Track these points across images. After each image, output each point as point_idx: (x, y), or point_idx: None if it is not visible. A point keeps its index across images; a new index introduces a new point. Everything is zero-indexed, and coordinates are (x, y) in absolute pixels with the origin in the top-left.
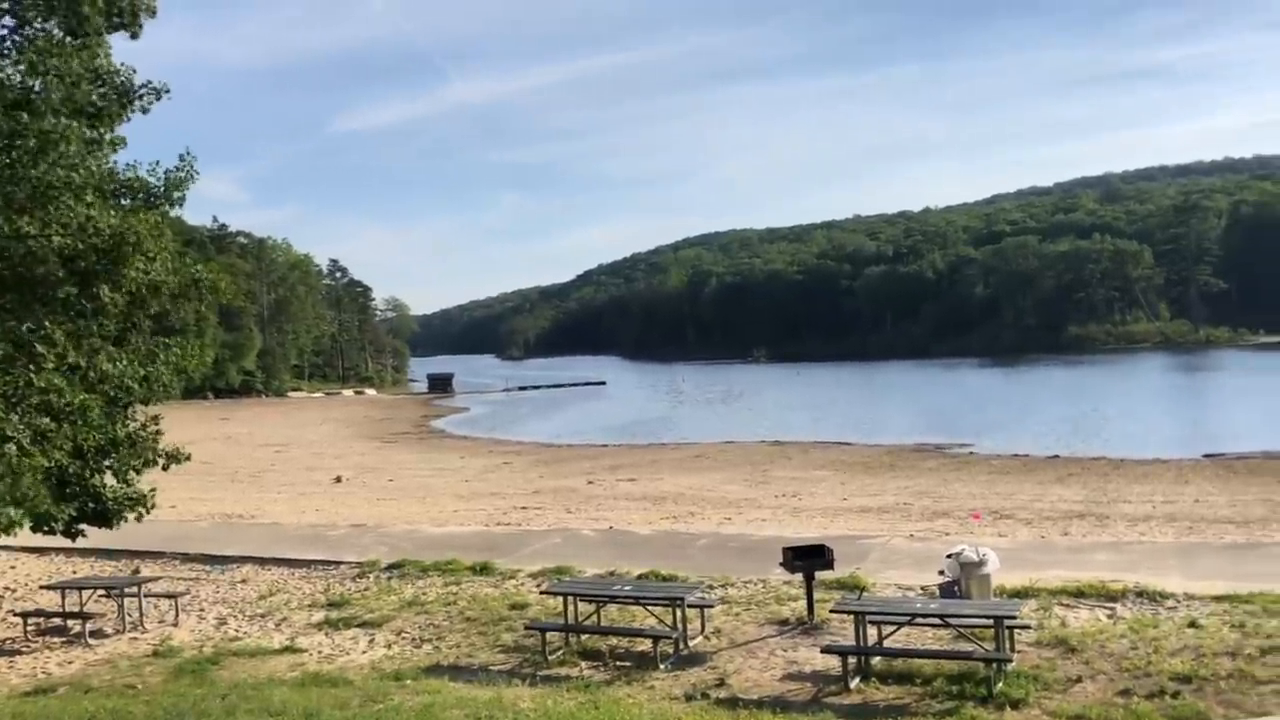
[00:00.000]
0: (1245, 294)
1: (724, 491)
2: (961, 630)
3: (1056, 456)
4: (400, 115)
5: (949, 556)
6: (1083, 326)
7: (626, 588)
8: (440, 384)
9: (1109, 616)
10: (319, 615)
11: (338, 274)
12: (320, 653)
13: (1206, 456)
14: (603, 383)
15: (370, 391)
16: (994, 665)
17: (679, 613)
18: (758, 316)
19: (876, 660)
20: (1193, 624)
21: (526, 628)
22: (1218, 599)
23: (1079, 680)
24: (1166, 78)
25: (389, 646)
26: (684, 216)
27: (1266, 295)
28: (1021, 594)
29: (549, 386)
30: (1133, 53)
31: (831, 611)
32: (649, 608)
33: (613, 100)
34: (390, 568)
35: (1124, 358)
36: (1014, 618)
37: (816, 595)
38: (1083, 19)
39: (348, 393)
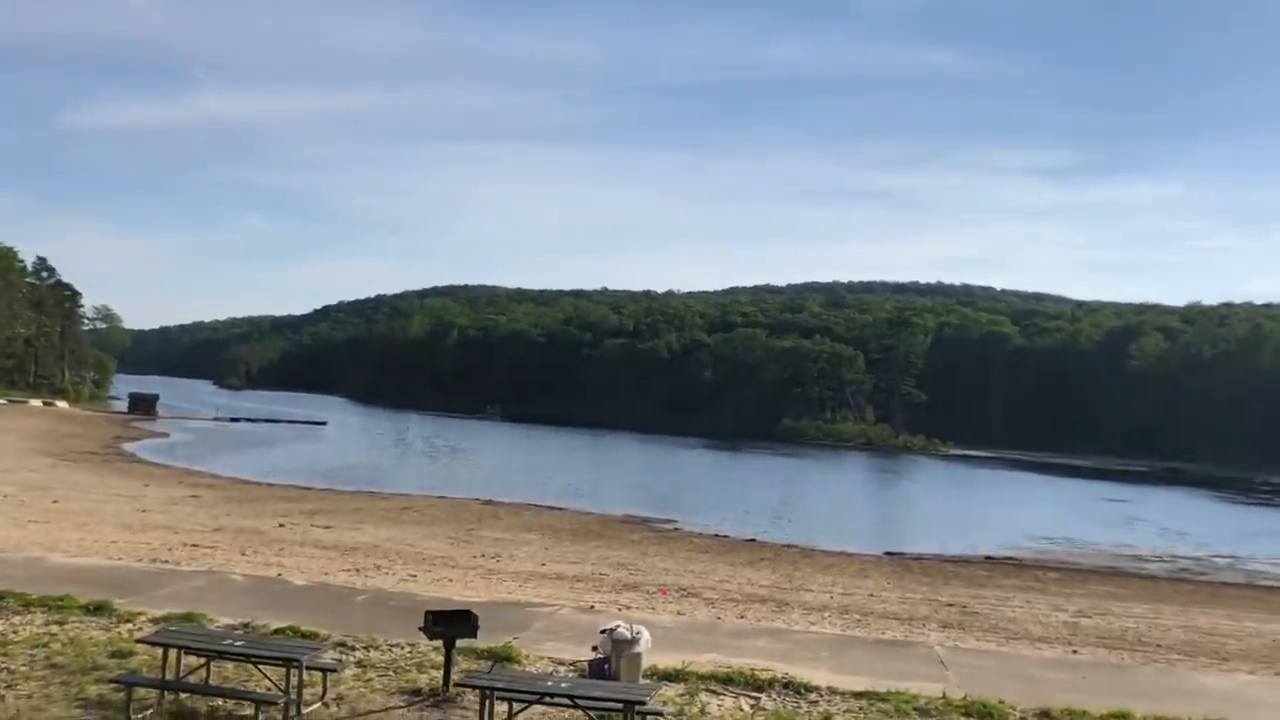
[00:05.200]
0: (941, 408)
1: (423, 547)
2: (593, 712)
3: (754, 540)
4: (142, 117)
5: (603, 632)
6: (797, 420)
7: (238, 643)
8: (143, 404)
9: (752, 706)
10: None
11: (44, 274)
12: None
13: (887, 554)
14: (324, 423)
15: (62, 404)
16: None
17: (295, 675)
18: (496, 374)
19: None
20: (826, 719)
21: (110, 681)
22: (858, 695)
23: None
24: (894, 201)
25: None
26: (435, 265)
27: (958, 411)
28: (672, 676)
29: (265, 421)
30: (865, 174)
31: (456, 685)
32: (261, 667)
33: (374, 138)
34: None
35: (830, 454)
36: (644, 703)
37: (466, 665)
38: (824, 137)
39: (36, 403)
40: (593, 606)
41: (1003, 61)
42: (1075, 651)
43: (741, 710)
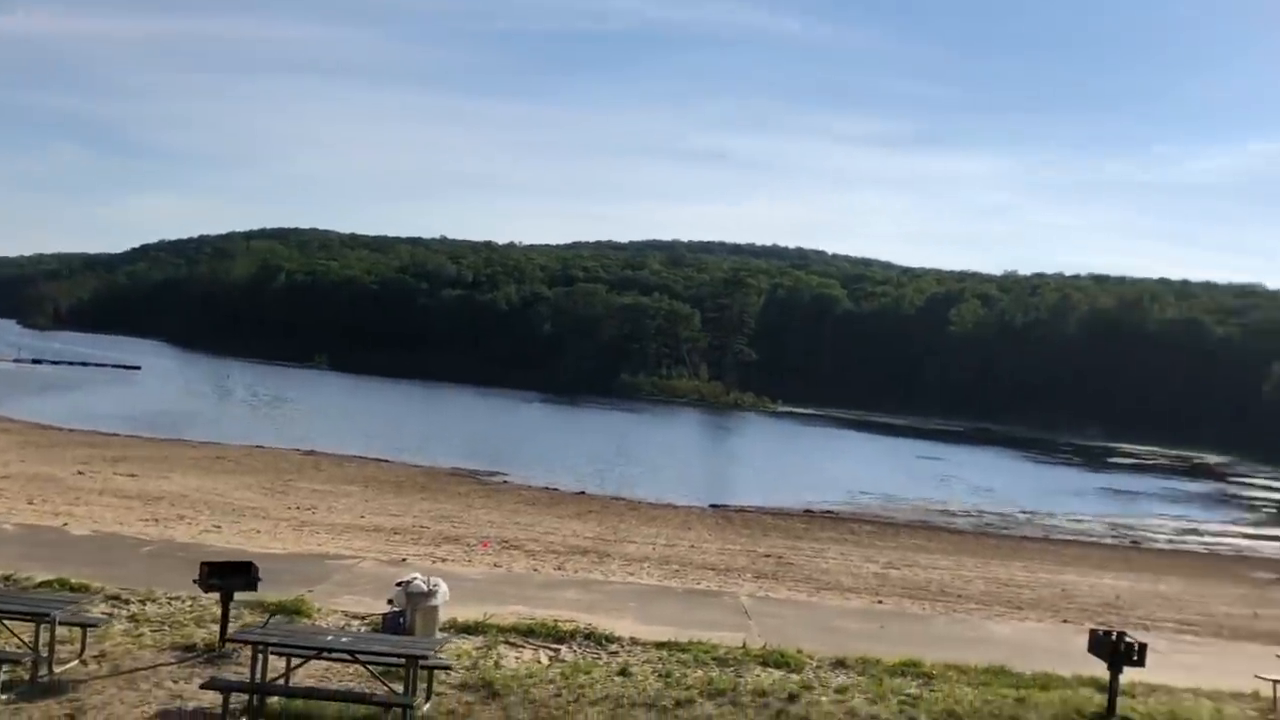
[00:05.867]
0: (772, 366)
1: (234, 498)
2: (376, 667)
3: (583, 493)
4: None
5: (398, 585)
6: (634, 376)
7: None
8: None
9: (551, 657)
10: None
11: None
12: None
13: (712, 506)
14: (137, 367)
15: None
16: (401, 710)
17: (45, 631)
18: (326, 322)
19: (276, 699)
20: (624, 671)
21: None
22: (659, 645)
23: None
24: (735, 162)
25: None
26: (263, 206)
27: (789, 370)
28: (472, 629)
29: (73, 363)
30: (707, 135)
31: (227, 641)
32: (10, 623)
33: (203, 68)
34: None
35: (665, 409)
36: (427, 657)
37: (252, 620)
38: (669, 95)
39: None
40: (404, 559)
41: (848, 30)
42: (880, 602)
43: (540, 663)
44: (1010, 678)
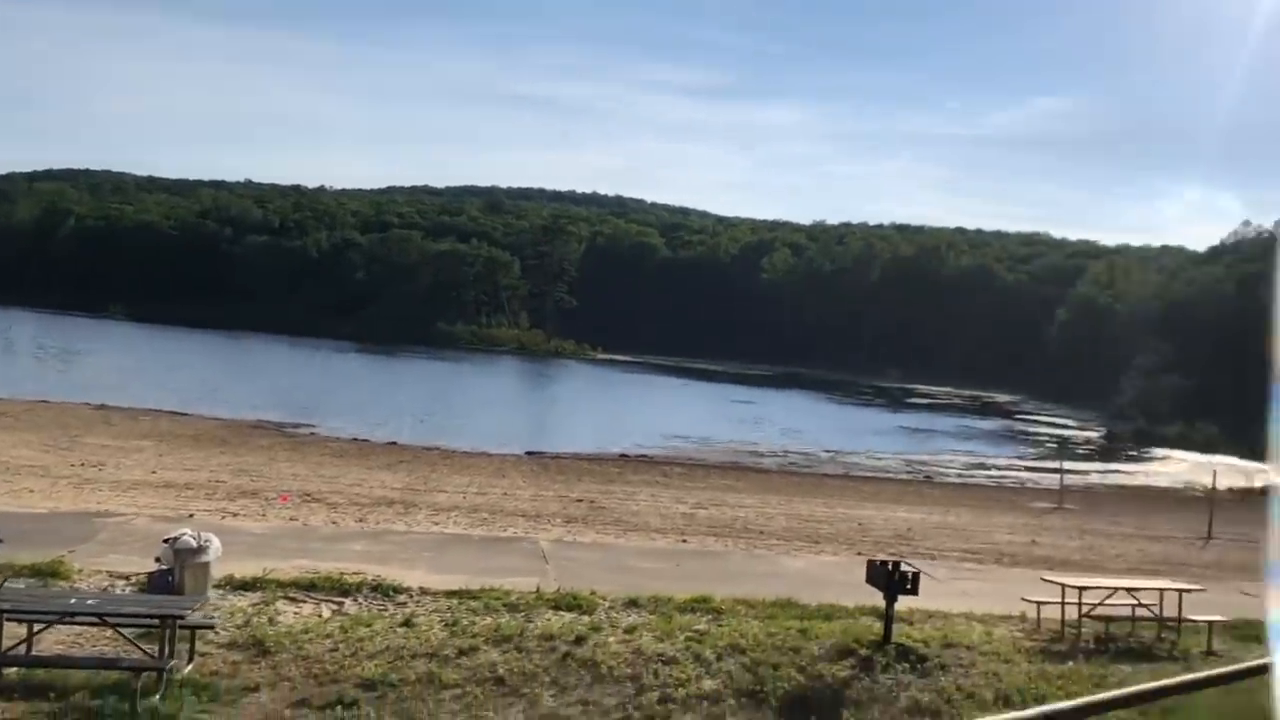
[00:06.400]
0: (591, 314)
1: (9, 455)
2: (146, 630)
3: (394, 443)
4: None
5: (165, 542)
6: (452, 325)
7: None
8: None
9: (335, 612)
10: None
11: None
12: None
13: (528, 453)
14: None
15: None
16: (156, 674)
17: None
18: (122, 270)
19: (14, 670)
20: (408, 622)
21: None
22: (450, 594)
23: (256, 689)
24: (557, 110)
25: None
26: (49, 146)
27: (609, 318)
28: (250, 585)
29: None
30: (526, 81)
31: None
32: None
33: None
34: None
35: (484, 358)
36: (184, 616)
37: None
38: (489, 39)
39: None
40: (191, 514)
41: None
42: (685, 540)
43: (320, 617)
44: (797, 610)
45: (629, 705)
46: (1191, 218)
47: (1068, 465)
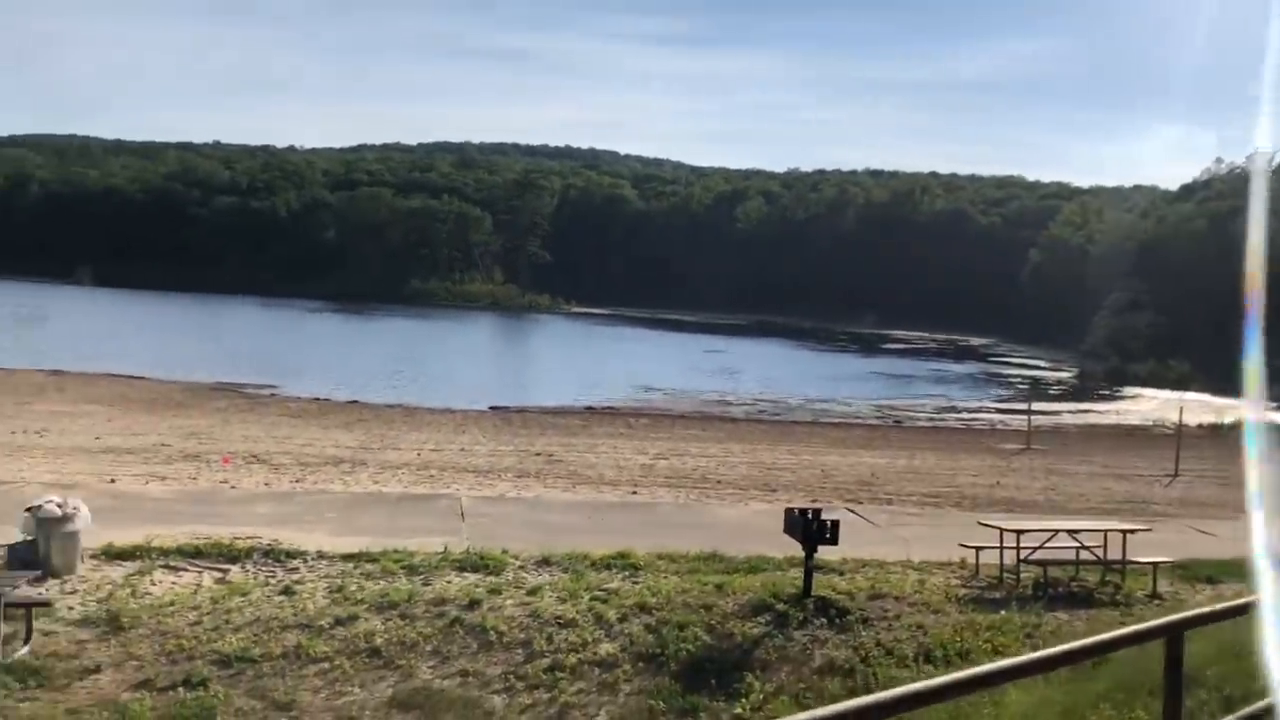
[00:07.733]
0: (565, 268)
1: None
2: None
3: (356, 402)
4: None
5: (27, 511)
6: (425, 282)
7: None
8: None
9: (218, 581)
10: None
11: None
12: None
13: (492, 408)
14: None
15: None
16: None
17: None
18: (89, 234)
19: None
20: (288, 590)
21: None
22: (348, 557)
23: (97, 670)
24: (528, 63)
25: None
26: (11, 111)
27: (582, 271)
28: (129, 554)
29: None
30: (497, 34)
31: None
32: None
33: None
34: None
35: (458, 314)
36: (3, 594)
37: None
38: None
39: None
40: (113, 480)
41: None
42: (635, 493)
43: (199, 586)
44: (721, 563)
45: (512, 675)
46: (1171, 157)
47: (1039, 406)
